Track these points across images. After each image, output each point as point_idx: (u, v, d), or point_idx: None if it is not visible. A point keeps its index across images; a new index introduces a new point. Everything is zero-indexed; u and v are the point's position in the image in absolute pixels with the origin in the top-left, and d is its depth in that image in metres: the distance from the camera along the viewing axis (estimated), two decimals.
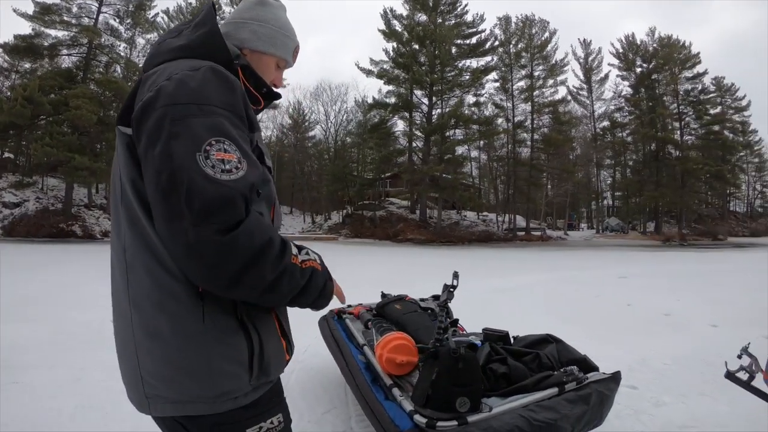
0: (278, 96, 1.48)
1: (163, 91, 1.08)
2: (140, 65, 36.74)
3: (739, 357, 1.94)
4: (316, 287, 1.22)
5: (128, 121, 1.14)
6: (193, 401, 1.12)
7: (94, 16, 32.27)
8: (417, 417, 2.06)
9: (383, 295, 4.20)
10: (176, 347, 1.10)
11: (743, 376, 1.93)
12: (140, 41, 36.52)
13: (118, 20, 33.97)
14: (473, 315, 4.18)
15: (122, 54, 34.87)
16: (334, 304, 1.49)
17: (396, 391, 2.35)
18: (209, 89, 1.11)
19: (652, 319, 6.96)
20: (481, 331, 3.24)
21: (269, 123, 52.42)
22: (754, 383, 1.90)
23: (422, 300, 4.13)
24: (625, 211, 54.40)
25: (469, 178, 51.38)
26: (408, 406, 2.18)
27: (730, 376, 1.98)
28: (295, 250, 1.16)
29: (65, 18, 30.86)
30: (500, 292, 9.46)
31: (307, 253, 1.22)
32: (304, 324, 5.20)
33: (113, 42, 34.06)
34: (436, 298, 4.22)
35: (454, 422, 2.01)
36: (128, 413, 3.04)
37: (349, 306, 4.09)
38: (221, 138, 1.05)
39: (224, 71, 1.17)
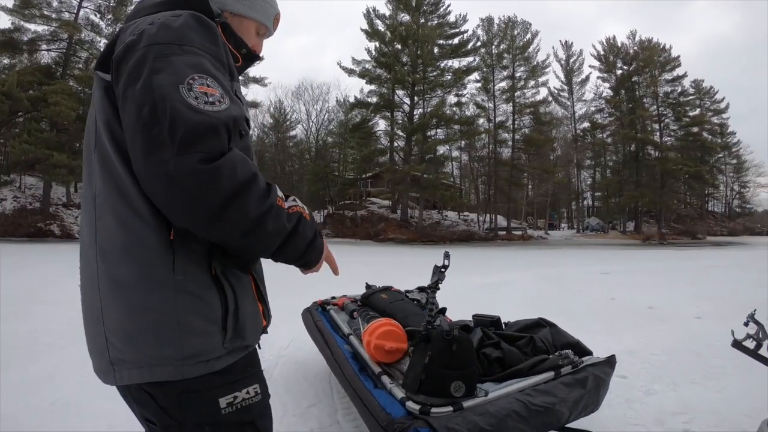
0: (258, 57, 1.43)
1: (145, 33, 1.04)
2: None
3: (746, 324, 1.89)
4: (304, 236, 1.13)
5: (107, 67, 1.10)
6: (160, 364, 1.03)
7: (75, 11, 31.77)
8: (409, 404, 1.97)
9: (368, 286, 4.13)
10: (142, 296, 1.02)
11: (750, 344, 1.86)
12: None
13: (98, 15, 33.46)
14: (459, 309, 4.11)
15: (102, 50, 34.36)
16: (319, 292, 1.38)
17: (386, 379, 2.27)
18: (191, 32, 1.07)
19: (637, 312, 6.98)
20: (471, 318, 3.16)
21: (250, 122, 52.23)
22: (761, 351, 1.83)
23: (408, 292, 4.04)
24: (605, 210, 55.14)
25: (450, 177, 51.59)
26: (399, 393, 2.09)
27: (738, 344, 1.91)
28: (281, 194, 1.09)
29: (45, 12, 30.35)
30: (484, 287, 9.45)
31: (294, 200, 1.15)
32: (287, 317, 5.10)
33: (93, 37, 33.56)
34: (422, 290, 4.15)
35: (449, 408, 1.92)
36: (104, 410, 3.01)
37: (333, 297, 4.03)
38: (203, 74, 1.02)
39: (206, 18, 1.13)
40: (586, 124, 54.83)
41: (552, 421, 2.08)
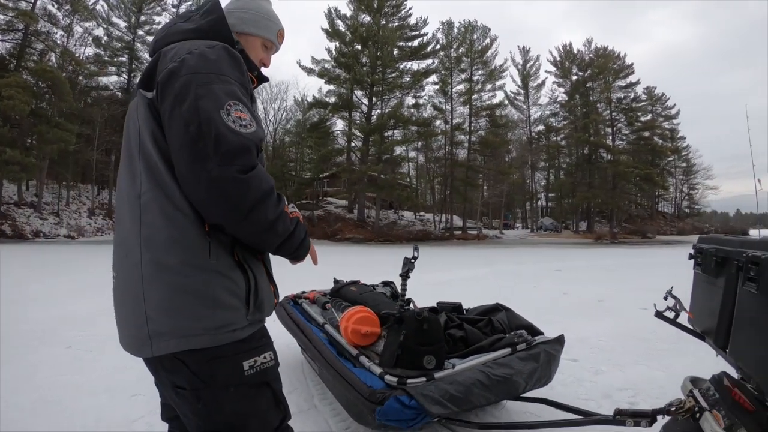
0: (266, 79, 1.66)
1: (186, 62, 1.28)
2: (77, 55, 35.15)
3: (665, 299, 2.20)
4: (299, 236, 1.41)
5: (149, 86, 1.35)
6: (196, 334, 1.25)
7: (32, 0, 31.04)
8: (388, 377, 2.25)
9: (336, 281, 4.34)
10: (185, 275, 1.25)
11: (670, 314, 2.19)
12: (78, 29, 35.41)
13: (56, 6, 32.77)
14: (422, 303, 4.37)
15: (58, 42, 33.63)
16: (286, 287, 1.62)
17: (363, 359, 2.54)
18: (225, 64, 1.33)
19: (587, 304, 7.39)
20: (436, 305, 3.46)
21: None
22: (679, 320, 2.17)
23: (374, 286, 4.29)
24: (558, 211, 56.72)
25: (407, 178, 51.91)
26: (377, 369, 2.37)
27: (659, 315, 2.22)
28: (286, 201, 1.36)
29: (2, 1, 29.59)
30: (442, 284, 9.76)
31: (293, 207, 1.42)
32: None
33: (50, 28, 32.84)
34: (386, 284, 4.39)
35: (423, 378, 2.22)
36: (88, 406, 3.16)
37: (304, 292, 4.23)
38: (237, 101, 1.27)
39: (234, 51, 1.39)
40: (541, 127, 56.42)
41: (510, 390, 2.39)
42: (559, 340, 2.84)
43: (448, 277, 11.23)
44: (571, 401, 3.20)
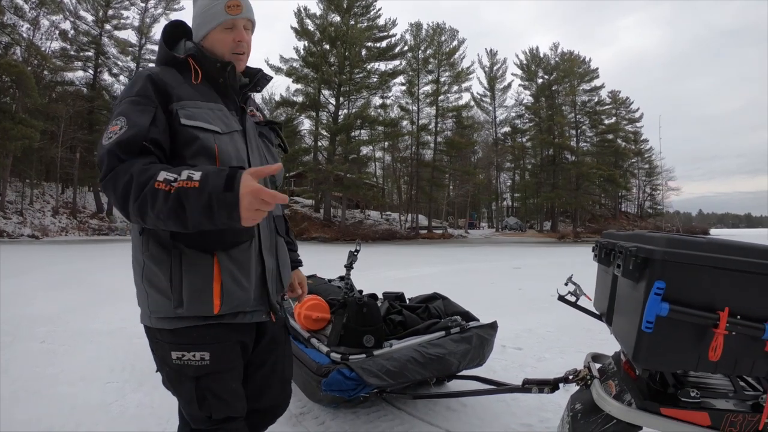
0: (228, 63, 1.60)
1: None
2: (42, 49, 34.49)
3: (566, 284, 2.58)
4: (193, 207, 1.19)
5: None
6: (144, 314, 1.51)
7: None
8: (333, 354, 2.62)
9: None
10: (134, 267, 1.52)
11: (571, 298, 2.57)
12: (45, 22, 34.82)
13: None
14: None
15: (24, 35, 33.13)
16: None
17: (313, 341, 2.90)
18: (124, 89, 1.50)
19: (540, 299, 7.75)
20: (381, 295, 3.84)
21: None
22: (579, 303, 2.55)
23: (330, 280, 4.63)
24: (523, 210, 57.74)
25: (373, 177, 52.17)
26: (324, 348, 2.74)
27: (562, 298, 2.59)
28: (165, 175, 1.23)
29: None
30: (404, 280, 10.11)
31: (189, 177, 1.21)
32: None
33: (16, 21, 32.31)
34: (342, 278, 4.74)
35: (363, 355, 2.59)
36: (65, 393, 3.41)
37: None
38: (117, 117, 1.38)
39: (137, 75, 1.52)
40: (506, 129, 57.42)
41: (444, 368, 2.75)
42: (492, 326, 3.17)
43: (410, 274, 11.61)
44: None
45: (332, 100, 42.31)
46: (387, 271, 11.75)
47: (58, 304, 6.85)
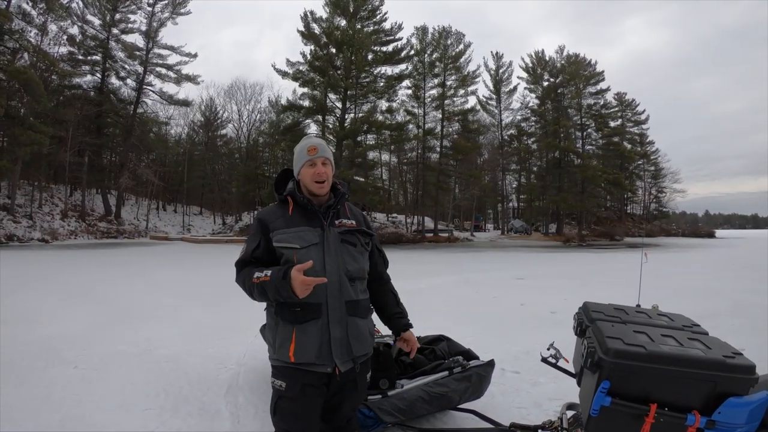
0: (308, 200, 2.37)
1: None
2: (50, 53, 34.66)
3: (548, 349, 2.94)
4: (269, 291, 2.13)
5: None
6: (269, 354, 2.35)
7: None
8: None
9: None
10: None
11: (552, 360, 2.92)
12: (53, 28, 35.06)
13: (30, 4, 32.48)
14: None
15: (32, 41, 33.29)
16: None
17: None
18: (251, 227, 2.58)
19: (540, 316, 8.01)
20: (392, 334, 4.20)
21: (180, 120, 51.55)
22: (559, 364, 2.91)
23: None
24: (528, 213, 57.97)
25: (380, 180, 52.40)
26: None
27: (544, 360, 2.95)
28: (257, 274, 2.16)
29: None
30: (410, 294, 10.08)
31: (266, 274, 2.14)
32: (239, 330, 5.95)
33: (24, 26, 32.52)
34: None
35: (379, 396, 3.04)
36: (108, 420, 3.70)
37: None
38: (244, 243, 2.40)
39: (255, 217, 2.50)
40: (512, 131, 57.45)
41: (446, 404, 3.25)
42: (490, 364, 3.62)
43: (418, 285, 11.89)
44: (505, 409, 3.88)
45: (338, 105, 42.55)
46: (395, 281, 11.99)
47: (80, 323, 7.13)
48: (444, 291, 11.21)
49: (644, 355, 1.93)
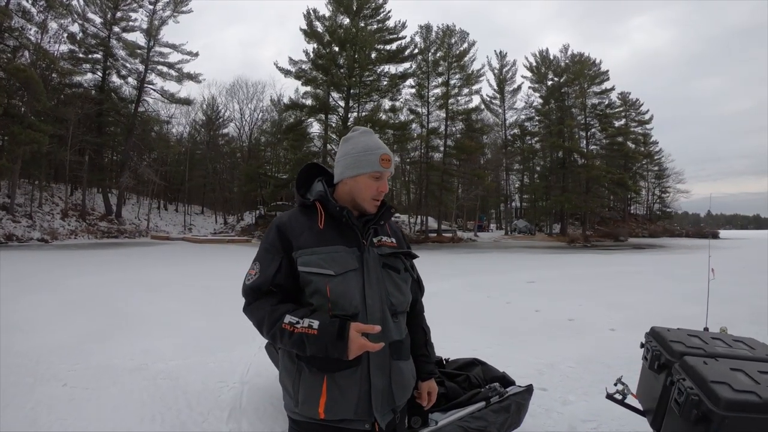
0: (343, 208, 1.78)
1: None
2: (50, 51, 34.46)
3: (615, 384, 2.61)
4: (310, 347, 1.59)
5: None
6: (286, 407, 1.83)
7: None
8: None
9: None
10: (279, 371, 1.89)
11: (618, 396, 2.60)
12: (53, 25, 34.76)
13: (30, 1, 32.15)
14: None
15: (32, 39, 32.93)
16: None
17: None
18: (264, 236, 1.89)
19: (558, 324, 7.73)
20: None
21: (181, 119, 51.31)
22: (627, 401, 2.56)
23: None
24: (532, 213, 57.79)
25: None
26: None
27: (610, 396, 2.64)
28: (290, 319, 1.62)
29: None
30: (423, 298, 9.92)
31: (310, 326, 1.59)
32: (238, 343, 5.59)
33: (24, 24, 32.15)
34: None
35: None
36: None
37: None
38: (255, 261, 1.81)
39: (271, 224, 1.86)
40: (516, 131, 57.29)
41: None
42: (529, 390, 3.20)
43: (427, 289, 11.09)
44: None
45: (341, 103, 42.30)
46: None
47: (77, 332, 6.78)
48: (454, 295, 10.84)
49: (761, 405, 1.63)
